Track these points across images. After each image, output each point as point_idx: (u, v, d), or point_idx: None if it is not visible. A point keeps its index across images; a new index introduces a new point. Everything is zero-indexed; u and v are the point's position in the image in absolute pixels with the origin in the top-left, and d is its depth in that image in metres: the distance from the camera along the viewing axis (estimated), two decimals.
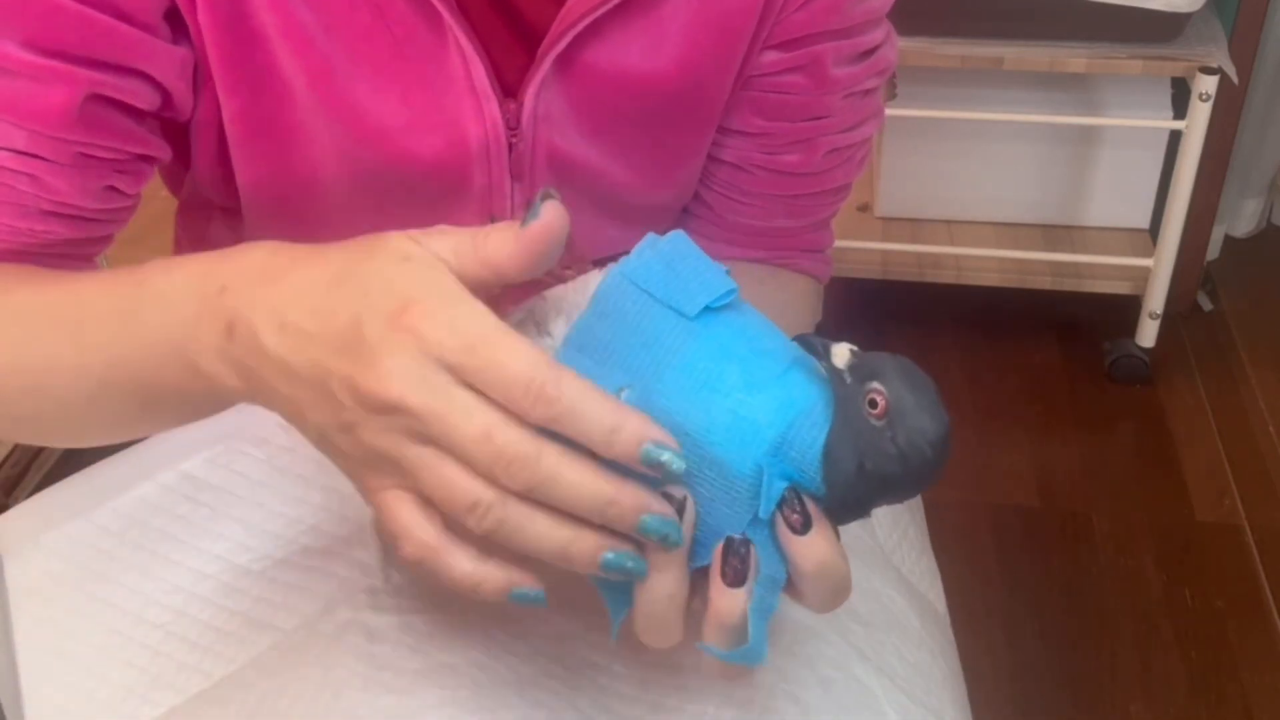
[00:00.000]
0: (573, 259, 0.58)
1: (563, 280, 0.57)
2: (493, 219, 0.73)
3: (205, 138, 0.71)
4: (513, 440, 0.46)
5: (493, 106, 0.69)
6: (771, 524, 0.51)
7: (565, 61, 0.69)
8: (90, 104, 0.62)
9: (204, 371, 0.52)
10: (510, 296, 0.58)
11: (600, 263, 0.56)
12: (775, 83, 0.75)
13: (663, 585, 0.51)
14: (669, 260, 0.53)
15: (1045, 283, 1.99)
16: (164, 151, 0.69)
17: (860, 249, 2.00)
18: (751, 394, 0.51)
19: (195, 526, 0.73)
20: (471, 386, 0.47)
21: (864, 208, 2.09)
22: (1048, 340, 2.09)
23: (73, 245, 0.67)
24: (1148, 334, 1.97)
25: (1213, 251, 2.15)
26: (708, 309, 0.52)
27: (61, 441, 0.69)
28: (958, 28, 1.78)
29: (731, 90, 0.75)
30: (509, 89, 0.69)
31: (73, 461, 0.71)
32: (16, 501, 1.54)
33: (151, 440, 0.80)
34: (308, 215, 0.72)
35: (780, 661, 0.65)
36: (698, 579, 0.52)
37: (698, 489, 0.51)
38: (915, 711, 0.68)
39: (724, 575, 0.51)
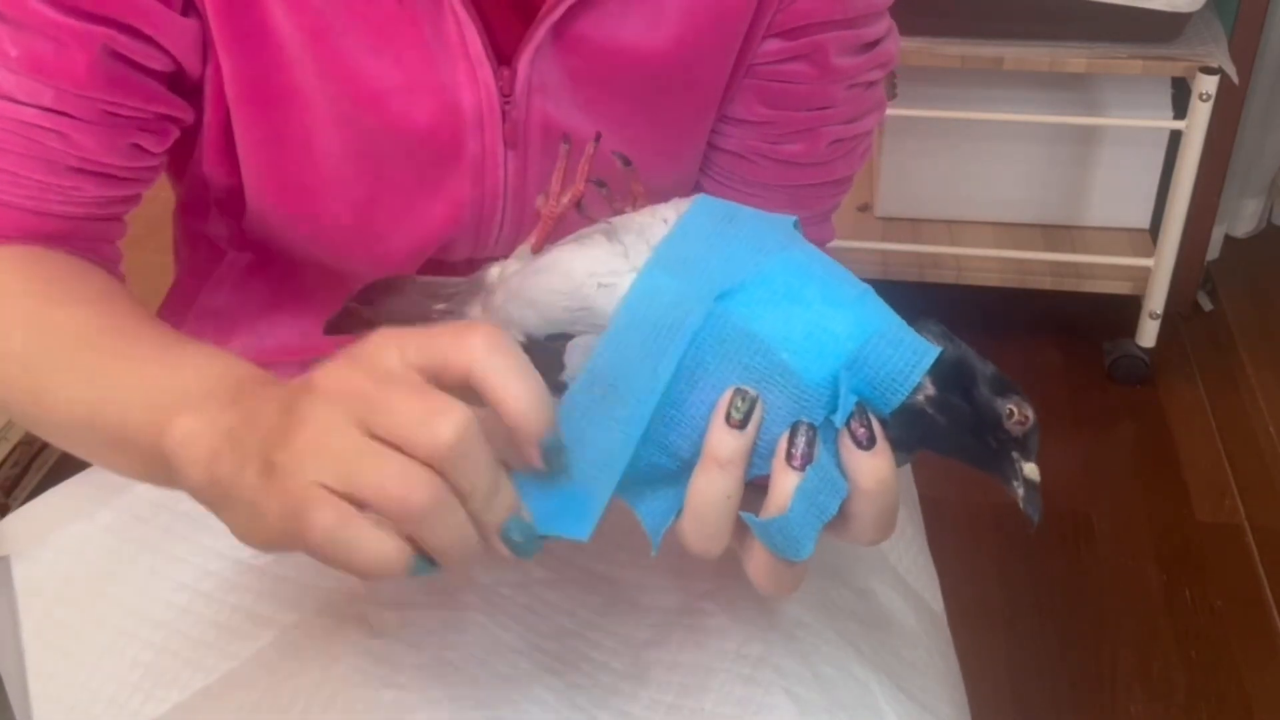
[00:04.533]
0: (622, 200, 0.60)
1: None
2: (484, 188, 0.73)
3: (216, 110, 0.71)
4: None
5: (486, 73, 0.69)
6: (836, 439, 0.53)
7: (561, 31, 0.69)
8: (110, 61, 0.64)
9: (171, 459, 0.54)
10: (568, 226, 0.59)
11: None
12: (778, 71, 0.75)
13: (722, 485, 0.52)
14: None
15: (1045, 283, 1.99)
16: (187, 113, 0.69)
17: (860, 249, 2.00)
18: (831, 308, 0.53)
19: (198, 522, 0.73)
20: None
21: (864, 208, 2.09)
22: (1048, 340, 2.08)
23: (100, 203, 0.68)
24: (1148, 334, 1.97)
25: (1213, 251, 2.15)
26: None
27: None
28: (958, 28, 1.78)
29: (732, 77, 0.75)
30: (505, 57, 0.69)
31: (74, 461, 0.71)
32: (16, 501, 1.54)
33: None
34: (305, 185, 0.72)
35: (777, 658, 0.66)
36: (750, 491, 0.53)
37: (765, 396, 0.52)
38: (912, 709, 0.68)
39: (789, 457, 0.52)
